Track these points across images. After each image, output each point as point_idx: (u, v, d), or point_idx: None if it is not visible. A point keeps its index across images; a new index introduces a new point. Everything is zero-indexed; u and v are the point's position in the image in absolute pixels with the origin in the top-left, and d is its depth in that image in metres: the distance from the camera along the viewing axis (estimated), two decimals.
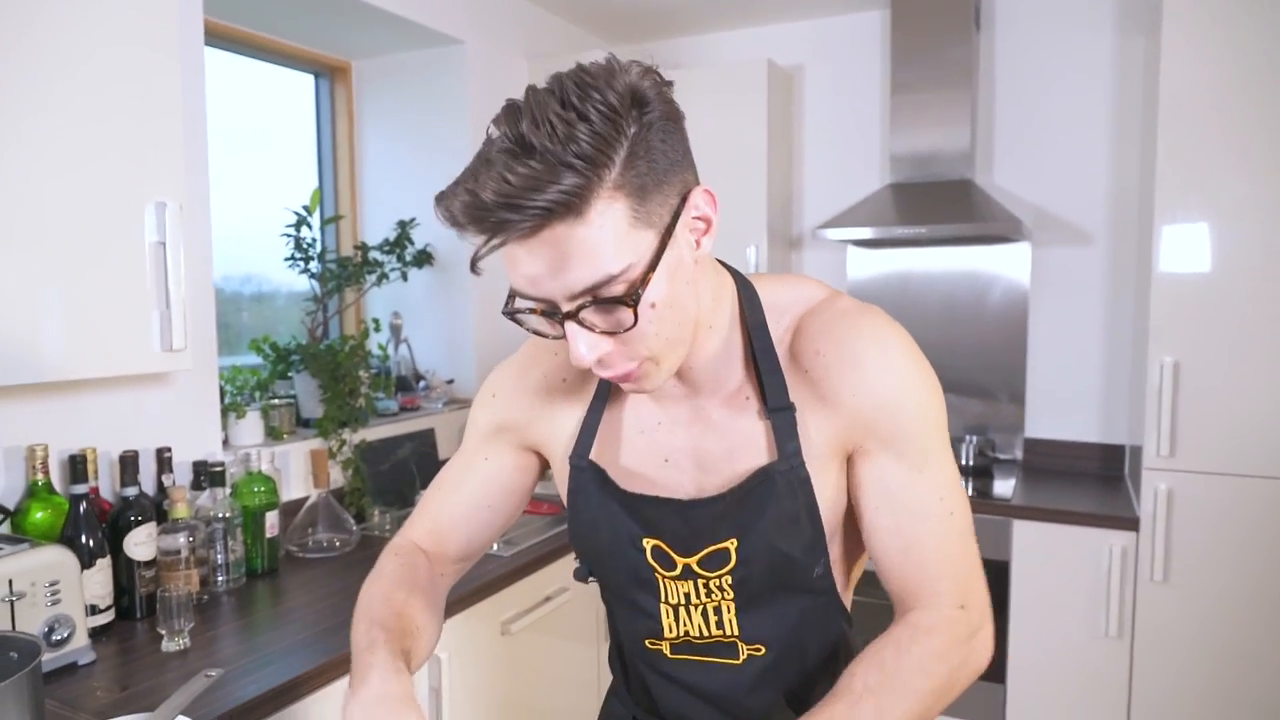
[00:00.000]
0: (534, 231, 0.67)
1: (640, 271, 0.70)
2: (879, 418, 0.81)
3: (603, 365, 0.75)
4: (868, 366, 0.81)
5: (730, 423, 0.86)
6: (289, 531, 2.06)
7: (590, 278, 0.68)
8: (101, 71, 1.41)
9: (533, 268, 0.69)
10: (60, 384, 1.64)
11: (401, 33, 2.62)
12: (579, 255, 0.67)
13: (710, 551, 0.86)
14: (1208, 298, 2.25)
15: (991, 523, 2.51)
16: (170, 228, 1.48)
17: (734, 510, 0.85)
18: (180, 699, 1.06)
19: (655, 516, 0.88)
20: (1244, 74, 2.18)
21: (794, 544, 0.84)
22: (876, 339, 0.82)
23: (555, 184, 0.64)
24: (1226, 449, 2.24)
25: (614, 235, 0.68)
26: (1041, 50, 2.93)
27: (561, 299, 0.71)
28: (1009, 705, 2.52)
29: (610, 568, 0.92)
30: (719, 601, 0.88)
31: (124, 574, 1.64)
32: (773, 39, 3.30)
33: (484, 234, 0.68)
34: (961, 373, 3.09)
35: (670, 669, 0.94)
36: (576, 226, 0.67)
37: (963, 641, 0.81)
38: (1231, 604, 2.25)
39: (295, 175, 2.80)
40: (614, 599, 0.97)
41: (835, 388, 0.82)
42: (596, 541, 0.91)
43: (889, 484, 0.83)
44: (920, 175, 2.93)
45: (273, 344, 2.34)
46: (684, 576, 0.88)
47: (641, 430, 0.90)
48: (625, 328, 0.71)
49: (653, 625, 0.92)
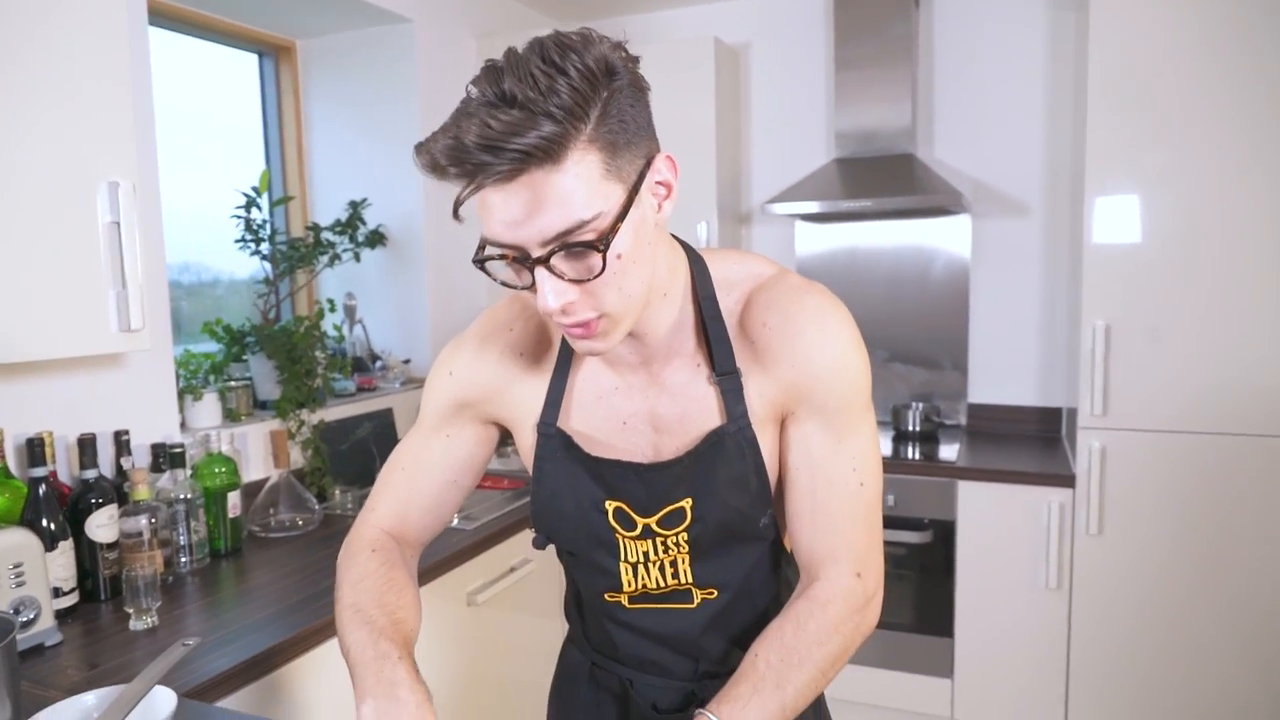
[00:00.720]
0: (512, 175, 0.70)
1: (609, 221, 0.74)
2: (813, 387, 0.88)
3: (566, 314, 0.78)
4: (808, 339, 0.87)
5: (683, 388, 0.92)
6: (251, 512, 2.06)
7: (563, 223, 0.71)
8: (49, 48, 1.39)
9: (509, 212, 0.72)
10: (15, 366, 1.62)
11: (347, 11, 2.61)
12: (554, 200, 0.71)
13: (668, 511, 0.92)
14: (1136, 265, 2.36)
15: (937, 484, 2.62)
16: (124, 208, 1.47)
17: (689, 472, 0.91)
18: (159, 667, 1.08)
19: (617, 480, 0.93)
20: (1169, 49, 2.28)
21: (743, 499, 0.91)
22: (818, 315, 0.88)
23: (535, 130, 0.68)
24: (1154, 407, 2.37)
25: (586, 184, 0.71)
26: (978, 27, 3.02)
27: (534, 245, 0.73)
28: (956, 657, 2.64)
29: (573, 531, 0.96)
30: (675, 556, 0.94)
31: (87, 556, 1.63)
32: (719, 16, 3.34)
33: (465, 177, 0.71)
34: (907, 342, 3.19)
35: (628, 618, 0.99)
36: (553, 173, 0.70)
37: (856, 610, 0.89)
38: (1161, 553, 2.38)
39: (239, 157, 2.76)
40: (573, 560, 1.01)
41: (777, 356, 0.88)
42: (561, 505, 0.95)
43: (811, 449, 0.90)
44: (864, 150, 3.00)
45: (226, 326, 2.33)
46: (643, 536, 0.94)
47: (600, 396, 0.95)
48: (593, 275, 0.75)
49: (612, 581, 0.97)
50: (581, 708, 1.08)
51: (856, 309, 3.18)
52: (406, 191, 2.78)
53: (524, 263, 0.75)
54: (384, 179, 2.79)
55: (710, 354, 0.90)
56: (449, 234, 2.88)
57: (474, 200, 0.73)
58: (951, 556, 2.61)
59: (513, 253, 0.75)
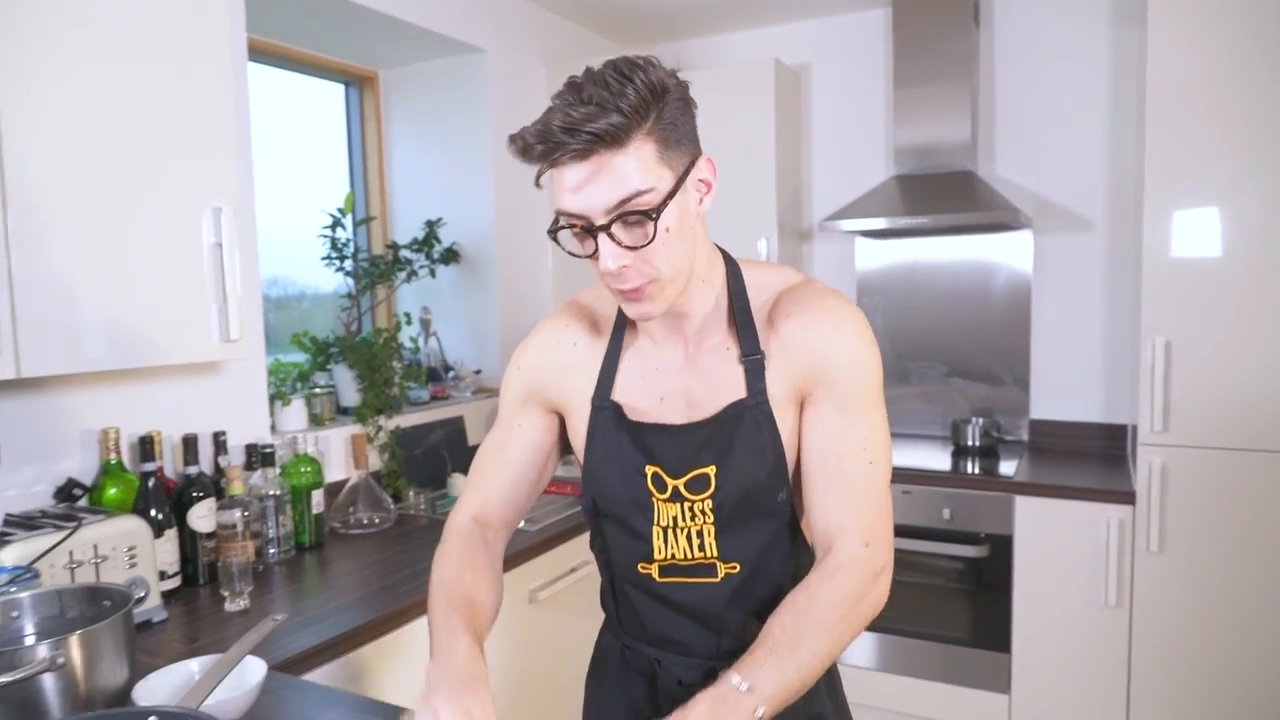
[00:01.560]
0: (585, 154, 0.87)
1: (660, 198, 0.90)
2: (829, 371, 1.00)
3: (621, 277, 0.93)
4: (826, 331, 1.01)
5: (713, 368, 1.05)
6: (332, 509, 2.22)
7: (622, 193, 0.88)
8: (165, 89, 1.57)
9: (579, 184, 0.89)
10: (129, 372, 1.81)
11: (426, 43, 2.78)
12: (616, 176, 0.88)
13: (694, 475, 1.03)
14: (1197, 280, 2.35)
15: (994, 499, 2.63)
16: (226, 230, 1.64)
17: (713, 437, 1.03)
18: (251, 639, 1.21)
19: (654, 443, 1.06)
20: (1229, 61, 2.28)
21: (760, 469, 1.02)
22: (836, 313, 1.02)
23: (606, 119, 0.85)
24: (1216, 424, 2.34)
25: (643, 166, 0.89)
26: (1039, 42, 3.03)
27: (598, 213, 0.90)
28: (1014, 673, 2.64)
29: (616, 494, 1.08)
30: (701, 525, 1.05)
31: (188, 544, 1.80)
32: (779, 39, 3.42)
33: (547, 154, 0.88)
34: (967, 357, 3.20)
35: (659, 590, 1.09)
36: (617, 154, 0.88)
37: (867, 578, 0.98)
38: (1224, 572, 2.35)
39: (324, 179, 2.96)
40: (613, 527, 1.11)
41: (798, 345, 1.02)
42: (608, 471, 1.08)
43: (826, 427, 1.01)
44: (924, 167, 3.04)
45: (312, 338, 2.51)
46: (673, 499, 1.05)
47: (643, 376, 1.09)
48: (645, 242, 0.91)
49: (645, 548, 1.07)
50: (614, 687, 1.18)
51: (916, 324, 3.22)
52: (479, 211, 2.94)
53: (589, 231, 0.91)
54: (458, 200, 2.96)
55: (739, 340, 1.04)
56: (519, 252, 3.03)
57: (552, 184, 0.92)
58: (1009, 571, 2.62)
59: (580, 222, 0.91)
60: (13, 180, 1.34)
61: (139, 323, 1.54)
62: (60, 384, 1.72)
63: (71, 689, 1.11)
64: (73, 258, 1.44)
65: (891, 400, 3.32)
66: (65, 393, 1.73)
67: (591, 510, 1.12)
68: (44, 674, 1.08)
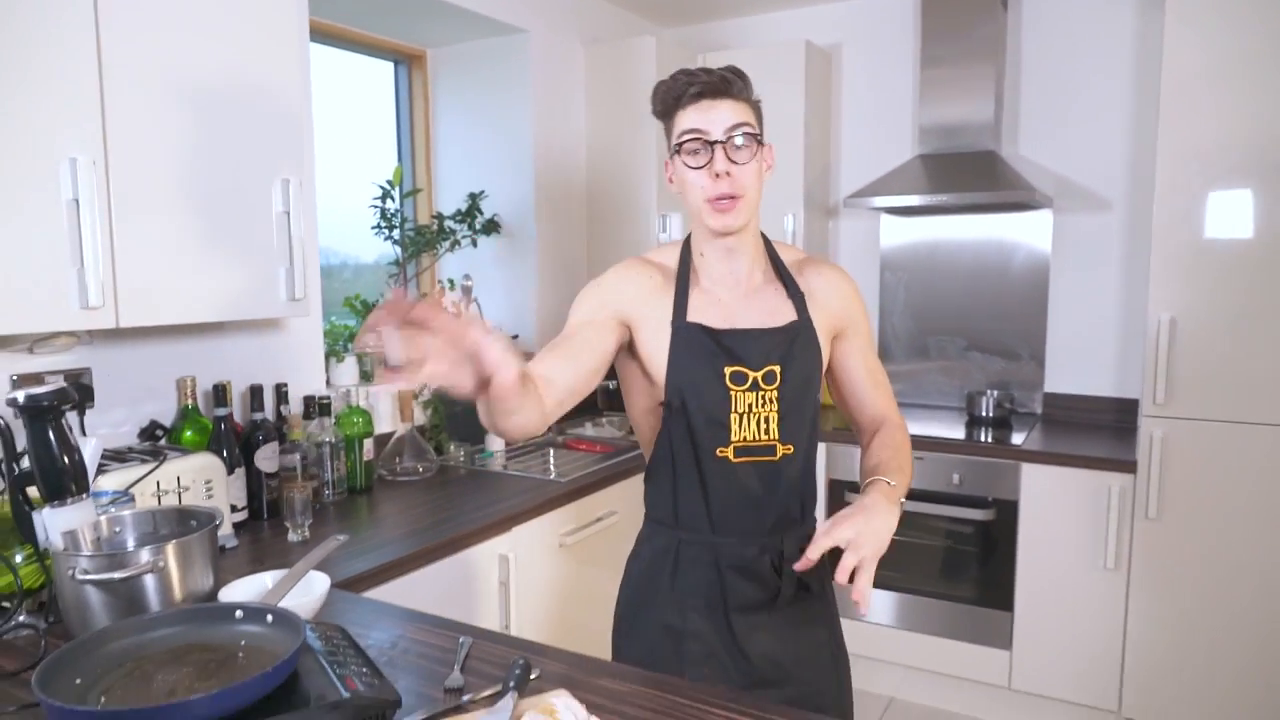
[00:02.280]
0: (720, 92, 1.27)
1: (758, 134, 1.30)
2: (855, 317, 1.44)
3: (725, 181, 1.26)
4: (848, 288, 1.45)
5: (768, 301, 1.38)
6: (380, 458, 2.42)
7: (739, 118, 1.27)
8: (243, 68, 1.75)
9: (714, 109, 1.26)
10: (204, 326, 2.02)
11: (472, 24, 2.94)
12: (737, 111, 1.27)
13: (768, 370, 1.33)
14: (1203, 259, 2.45)
15: (1002, 465, 2.76)
16: (293, 199, 1.83)
17: (780, 343, 1.35)
18: (317, 554, 1.41)
19: (736, 345, 1.33)
20: (1242, 51, 2.36)
21: (812, 370, 1.37)
22: (848, 277, 1.47)
23: (739, 79, 1.29)
24: (1215, 397, 2.45)
25: (750, 113, 1.30)
26: (1065, 26, 3.11)
27: (719, 129, 1.25)
28: (1016, 631, 2.78)
29: (701, 392, 1.32)
30: (768, 413, 1.33)
31: (254, 482, 2.01)
32: (811, 20, 3.53)
33: (700, 86, 1.26)
34: (985, 333, 3.31)
35: (733, 471, 1.34)
36: (739, 100, 1.28)
37: (907, 434, 1.43)
38: (1218, 539, 2.47)
39: (368, 153, 3.15)
40: (697, 419, 1.33)
41: (829, 297, 1.42)
42: (696, 373, 1.32)
43: (864, 350, 1.46)
44: (948, 146, 3.14)
45: (363, 301, 2.71)
46: (750, 389, 1.33)
47: (710, 305, 1.36)
48: (744, 162, 1.27)
49: (724, 434, 1.33)
50: (674, 574, 1.38)
51: (937, 299, 3.37)
52: (520, 184, 3.11)
53: (709, 142, 1.25)
54: (500, 173, 3.13)
55: (784, 283, 1.39)
56: (556, 224, 3.19)
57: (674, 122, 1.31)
58: (1014, 534, 2.75)
59: (705, 136, 1.25)
60: (115, 154, 1.53)
61: (219, 282, 1.74)
62: (143, 336, 1.93)
63: (167, 590, 1.31)
64: (164, 223, 1.63)
65: (911, 373, 3.45)
66: (148, 345, 1.94)
67: (679, 407, 1.33)
68: (146, 575, 1.28)
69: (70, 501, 1.32)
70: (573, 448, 2.86)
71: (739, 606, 1.37)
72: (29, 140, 1.42)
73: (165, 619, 1.20)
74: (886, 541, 1.20)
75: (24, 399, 1.28)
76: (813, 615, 1.42)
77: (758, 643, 1.37)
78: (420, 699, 1.14)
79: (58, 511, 1.31)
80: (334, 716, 1.04)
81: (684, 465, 1.36)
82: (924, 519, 2.90)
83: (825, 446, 3.04)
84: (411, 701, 1.12)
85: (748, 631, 1.37)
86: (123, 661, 1.12)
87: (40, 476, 1.31)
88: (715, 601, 1.37)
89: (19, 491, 1.35)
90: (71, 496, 1.32)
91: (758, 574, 1.36)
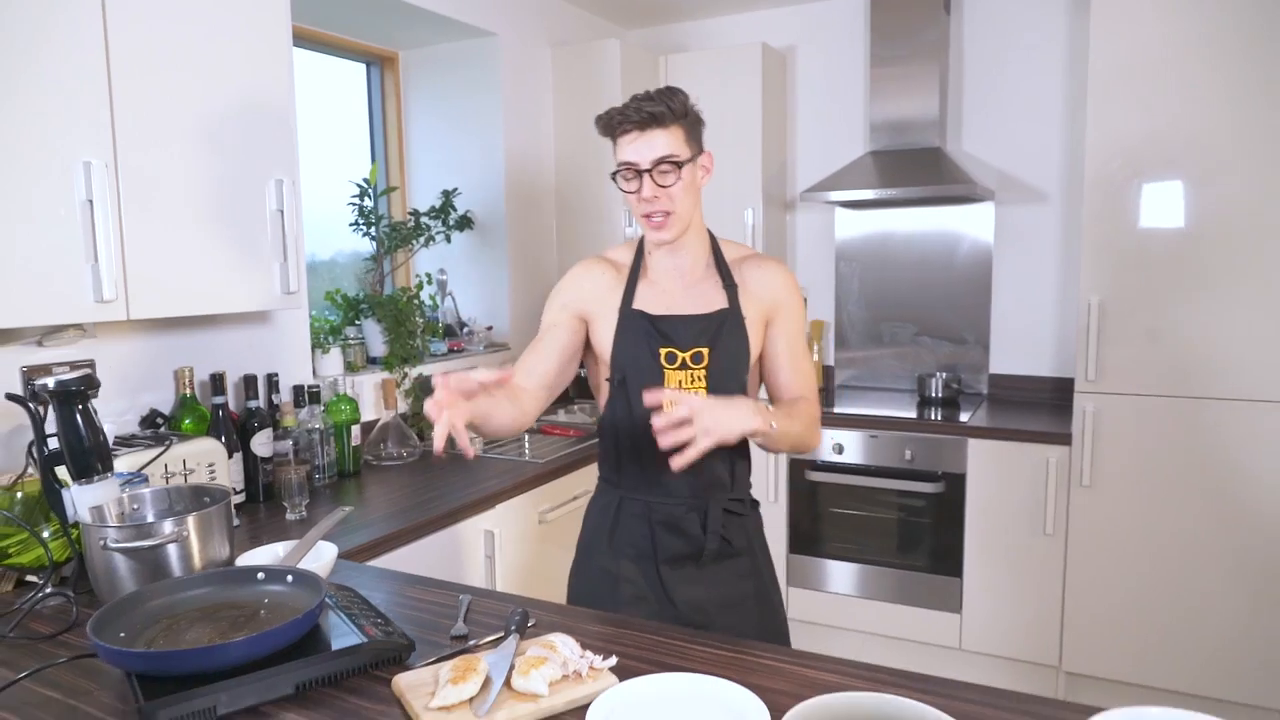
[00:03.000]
0: (647, 125, 1.41)
1: (683, 161, 1.43)
2: (785, 307, 1.57)
3: (652, 202, 1.43)
4: (780, 280, 1.58)
5: (705, 292, 1.55)
6: (366, 444, 2.54)
7: (664, 151, 1.42)
8: (237, 73, 1.86)
9: (641, 141, 1.42)
10: (202, 319, 2.12)
11: (442, 27, 3.06)
12: (662, 142, 1.42)
13: (695, 351, 1.51)
14: (1128, 247, 2.66)
15: (950, 441, 2.96)
16: (287, 198, 1.94)
17: (708, 327, 1.52)
18: (326, 524, 1.54)
19: (669, 330, 1.52)
20: (1163, 52, 2.56)
21: (738, 352, 1.52)
22: (783, 270, 1.59)
23: (663, 109, 1.41)
24: (1140, 374, 2.67)
25: (674, 141, 1.42)
26: (1003, 29, 3.32)
27: (646, 161, 1.42)
28: (965, 595, 2.98)
29: (638, 369, 1.52)
30: (696, 389, 1.51)
31: (250, 466, 2.12)
32: (767, 23, 3.70)
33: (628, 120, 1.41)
34: (933, 319, 3.51)
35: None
36: (666, 130, 1.42)
37: (818, 416, 1.55)
38: (1144, 503, 2.69)
39: (342, 153, 3.25)
40: (634, 394, 1.50)
41: (763, 288, 1.56)
42: (635, 354, 1.52)
43: (789, 334, 1.57)
44: (896, 143, 3.33)
45: (344, 295, 2.82)
46: (680, 368, 1.51)
47: (655, 296, 1.55)
48: (670, 185, 1.43)
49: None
50: (614, 527, 1.59)
51: (889, 288, 3.58)
52: (491, 181, 3.24)
53: (639, 171, 1.42)
54: (472, 171, 3.25)
55: (721, 277, 1.55)
56: (527, 220, 3.32)
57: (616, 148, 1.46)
58: (961, 505, 2.96)
59: (634, 166, 1.42)
60: (124, 158, 1.64)
61: (221, 276, 1.85)
62: (142, 330, 2.03)
63: (188, 558, 1.43)
64: (169, 222, 1.74)
65: (866, 358, 3.65)
66: (146, 338, 2.05)
67: (620, 382, 1.53)
68: (169, 544, 1.40)
69: (96, 479, 1.44)
70: (547, 433, 3.00)
71: (667, 558, 1.55)
72: (47, 146, 1.53)
73: (195, 581, 1.33)
74: (730, 434, 1.31)
75: (55, 385, 1.40)
76: (740, 571, 1.59)
77: (684, 591, 1.55)
78: (429, 645, 1.27)
79: (85, 489, 1.43)
80: (355, 657, 1.18)
81: (625, 433, 1.55)
82: (879, 493, 3.09)
83: None
84: (423, 647, 1.26)
85: (675, 581, 1.55)
86: (159, 618, 1.25)
87: (69, 456, 1.42)
88: (647, 552, 1.56)
89: (49, 471, 1.46)
90: (98, 474, 1.44)
91: (685, 531, 1.54)
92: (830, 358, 3.74)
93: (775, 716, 0.97)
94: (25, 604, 1.40)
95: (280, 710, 1.09)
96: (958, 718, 0.96)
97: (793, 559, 3.27)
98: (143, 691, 1.06)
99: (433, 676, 1.13)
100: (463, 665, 1.11)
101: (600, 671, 1.14)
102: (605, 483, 1.66)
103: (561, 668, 1.13)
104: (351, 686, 1.15)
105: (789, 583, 3.28)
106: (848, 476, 3.14)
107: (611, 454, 1.60)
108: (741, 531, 1.60)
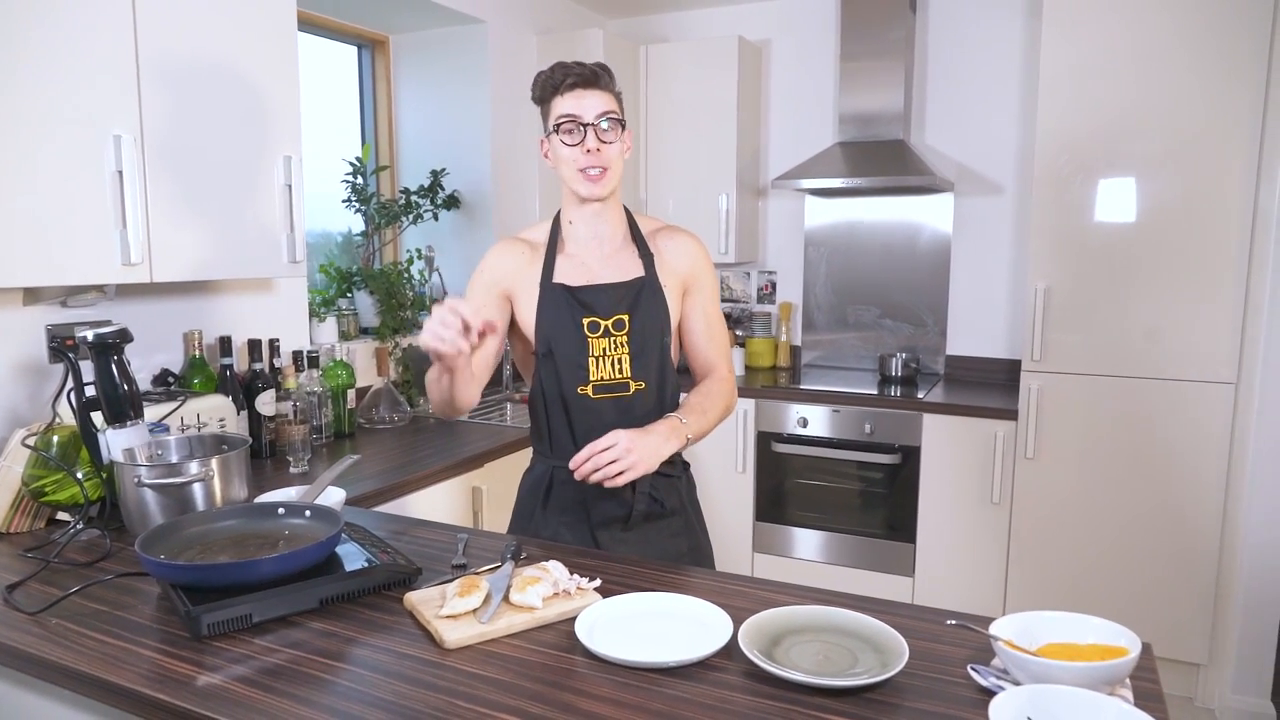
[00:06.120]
0: (591, 84, 1.52)
1: (623, 120, 1.57)
2: (701, 275, 1.68)
3: (594, 155, 1.52)
4: (695, 250, 1.69)
5: (623, 263, 1.64)
6: (360, 409, 2.69)
7: (608, 106, 1.53)
8: (250, 53, 2.00)
9: (586, 98, 1.51)
10: (211, 284, 2.26)
11: (433, 13, 3.19)
12: (605, 100, 1.53)
13: (617, 318, 1.59)
14: (1072, 236, 2.87)
15: (906, 416, 3.17)
16: (294, 174, 2.09)
17: (628, 295, 1.61)
18: (336, 469, 1.69)
19: (590, 299, 1.59)
20: (1106, 53, 2.77)
21: (656, 319, 1.62)
22: (696, 241, 1.70)
23: (603, 72, 1.54)
24: (1081, 354, 2.89)
25: (614, 102, 1.55)
26: (964, 30, 3.51)
27: (591, 114, 1.51)
28: (917, 560, 3.20)
29: (563, 340, 1.59)
30: (620, 355, 1.60)
31: (254, 424, 2.27)
32: (744, 15, 3.86)
33: (574, 78, 1.51)
34: (895, 303, 3.72)
35: (592, 405, 1.61)
36: (607, 90, 1.54)
37: (732, 388, 1.70)
38: (1083, 474, 2.91)
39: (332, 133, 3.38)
40: (561, 362, 1.60)
41: (678, 257, 1.66)
42: (559, 324, 1.59)
43: (705, 304, 1.69)
44: (863, 135, 3.52)
45: (337, 268, 2.96)
46: (603, 335, 1.59)
47: (574, 268, 1.62)
48: (610, 141, 1.53)
49: (583, 374, 1.60)
50: (546, 495, 1.66)
51: (854, 273, 3.80)
52: (478, 162, 3.38)
53: (582, 125, 1.50)
54: (460, 152, 3.40)
55: (637, 248, 1.64)
56: (511, 199, 3.48)
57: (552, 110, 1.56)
58: (916, 476, 3.17)
59: (577, 119, 1.50)
60: (149, 134, 1.78)
61: (237, 244, 2.00)
62: (155, 293, 2.17)
63: (211, 496, 1.59)
64: (191, 192, 1.88)
65: (832, 340, 3.85)
66: (158, 301, 2.18)
67: (546, 354, 1.60)
68: (195, 483, 1.56)
69: (129, 424, 1.58)
70: (526, 401, 3.16)
71: (600, 521, 1.63)
72: (83, 120, 1.66)
73: (224, 513, 1.48)
74: (655, 459, 1.49)
75: (93, 336, 1.54)
76: (673, 529, 1.67)
77: (619, 551, 1.61)
78: (434, 574, 1.44)
79: (119, 432, 1.58)
80: (371, 576, 1.35)
81: (554, 402, 1.62)
82: (840, 464, 3.30)
83: (755, 402, 3.40)
84: (428, 574, 1.43)
85: (609, 542, 1.63)
86: (193, 544, 1.41)
87: (105, 402, 1.57)
88: (581, 516, 1.64)
89: (86, 417, 1.60)
90: (130, 420, 1.59)
91: (615, 493, 1.59)
92: (798, 338, 3.93)
93: (736, 627, 1.15)
94: (63, 537, 1.55)
95: (307, 620, 1.26)
96: (895, 628, 1.15)
97: (759, 526, 3.47)
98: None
99: (440, 593, 1.30)
100: (467, 583, 1.28)
101: (586, 591, 1.32)
102: (537, 454, 1.72)
103: (553, 586, 1.30)
104: (367, 603, 1.32)
105: (755, 549, 3.48)
106: (812, 449, 3.34)
107: (542, 425, 1.66)
108: (674, 492, 1.68)
